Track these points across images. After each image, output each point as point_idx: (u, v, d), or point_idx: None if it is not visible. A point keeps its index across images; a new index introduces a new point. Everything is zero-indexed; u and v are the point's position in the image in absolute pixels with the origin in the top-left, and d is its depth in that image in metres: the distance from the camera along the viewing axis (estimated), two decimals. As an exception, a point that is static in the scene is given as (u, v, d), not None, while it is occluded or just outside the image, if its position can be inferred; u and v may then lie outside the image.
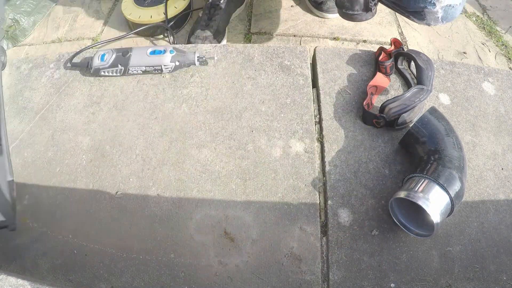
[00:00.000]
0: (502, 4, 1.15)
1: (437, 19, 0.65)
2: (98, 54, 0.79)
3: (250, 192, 0.65)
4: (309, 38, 1.01)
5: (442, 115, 0.64)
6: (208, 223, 0.63)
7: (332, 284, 0.57)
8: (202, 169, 0.68)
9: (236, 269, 0.59)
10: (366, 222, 0.62)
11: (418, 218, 0.57)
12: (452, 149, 0.59)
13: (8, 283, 0.53)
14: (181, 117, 0.74)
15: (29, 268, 0.62)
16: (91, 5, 1.12)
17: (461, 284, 0.57)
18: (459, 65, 0.81)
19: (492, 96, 0.77)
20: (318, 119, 0.73)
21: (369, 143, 0.69)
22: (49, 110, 0.78)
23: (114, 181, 0.68)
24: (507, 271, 0.58)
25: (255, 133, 0.71)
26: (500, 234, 0.61)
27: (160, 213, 0.64)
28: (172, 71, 0.79)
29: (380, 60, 0.76)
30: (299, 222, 0.62)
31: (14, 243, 0.64)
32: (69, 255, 0.62)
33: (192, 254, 0.60)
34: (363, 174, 0.66)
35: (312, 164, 0.67)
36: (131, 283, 0.59)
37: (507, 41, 1.01)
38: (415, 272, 0.58)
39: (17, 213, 0.66)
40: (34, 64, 0.87)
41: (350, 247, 0.60)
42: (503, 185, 0.66)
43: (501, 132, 0.72)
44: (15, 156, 0.73)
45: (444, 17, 0.64)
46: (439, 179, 0.54)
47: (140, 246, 0.62)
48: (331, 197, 0.64)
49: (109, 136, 0.73)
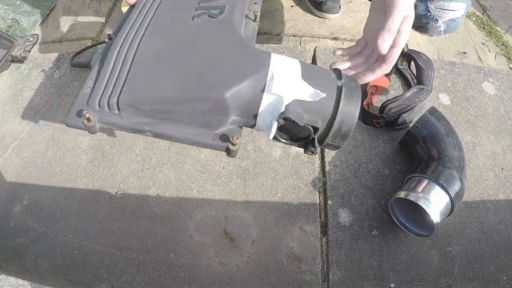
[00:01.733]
0: (502, 4, 1.15)
1: (439, 32, 0.66)
2: (98, 54, 0.79)
3: (250, 192, 0.65)
4: (309, 38, 1.01)
5: (442, 115, 0.64)
6: (208, 223, 0.63)
7: (332, 284, 0.57)
8: (202, 169, 0.68)
9: (236, 269, 0.59)
10: (366, 222, 0.62)
11: (418, 218, 0.57)
12: (452, 149, 0.59)
13: (8, 283, 0.53)
14: (181, 117, 0.74)
15: (29, 268, 0.62)
16: (91, 5, 1.12)
17: (461, 284, 0.57)
18: (459, 65, 0.81)
19: (492, 96, 0.77)
20: (318, 119, 0.73)
21: (369, 143, 0.69)
22: (49, 110, 0.78)
23: (114, 181, 0.68)
24: (507, 271, 0.58)
25: (255, 133, 0.71)
26: (500, 234, 0.61)
27: (160, 213, 0.64)
28: (172, 71, 0.79)
29: (380, 60, 0.76)
30: (299, 222, 0.62)
31: (14, 243, 0.64)
32: (69, 255, 0.62)
33: (192, 254, 0.60)
34: (363, 174, 0.66)
35: (312, 164, 0.67)
36: (131, 283, 0.59)
37: (507, 41, 1.01)
38: (415, 272, 0.58)
39: (17, 213, 0.66)
40: (34, 64, 0.87)
41: (350, 247, 0.60)
42: (503, 185, 0.66)
43: (501, 132, 0.72)
44: (15, 156, 0.73)
45: (446, 30, 0.65)
46: (439, 179, 0.54)
47: (140, 246, 0.62)
48: (331, 197, 0.64)
49: (109, 136, 0.73)
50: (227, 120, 0.42)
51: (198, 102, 0.41)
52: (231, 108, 0.41)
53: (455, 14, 0.63)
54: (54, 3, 1.11)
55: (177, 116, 0.43)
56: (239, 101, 0.41)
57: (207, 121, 0.43)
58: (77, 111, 0.42)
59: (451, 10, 0.62)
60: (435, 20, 0.64)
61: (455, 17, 0.63)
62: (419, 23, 0.66)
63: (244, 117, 0.43)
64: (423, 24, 0.65)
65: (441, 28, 0.65)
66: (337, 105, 0.41)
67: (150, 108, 0.42)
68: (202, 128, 0.43)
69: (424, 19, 0.65)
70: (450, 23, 0.64)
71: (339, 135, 0.42)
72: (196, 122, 0.43)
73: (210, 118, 0.42)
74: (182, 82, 0.42)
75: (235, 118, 0.42)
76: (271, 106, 0.41)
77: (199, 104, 0.41)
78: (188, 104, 0.42)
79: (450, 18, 0.63)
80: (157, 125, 0.43)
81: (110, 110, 0.43)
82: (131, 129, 0.43)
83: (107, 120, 0.43)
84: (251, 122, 0.43)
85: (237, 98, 0.41)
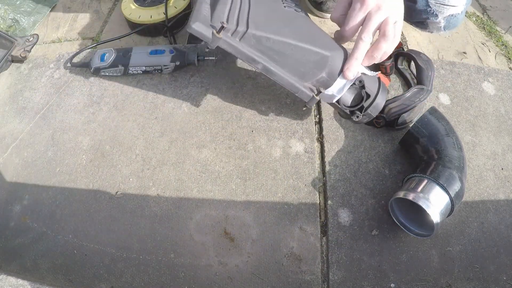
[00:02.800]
0: (502, 4, 1.15)
1: (439, 28, 0.66)
2: (98, 54, 0.79)
3: (250, 192, 0.65)
4: (309, 38, 1.01)
5: (442, 115, 0.64)
6: (208, 223, 0.63)
7: (332, 284, 0.57)
8: (202, 169, 0.68)
9: (236, 269, 0.59)
10: (366, 222, 0.62)
11: (418, 218, 0.57)
12: (452, 149, 0.59)
13: (8, 283, 0.53)
14: (181, 117, 0.74)
15: (29, 268, 0.62)
16: (91, 5, 1.12)
17: (461, 284, 0.57)
18: (459, 65, 0.81)
19: (492, 96, 0.77)
20: (318, 119, 0.73)
21: (369, 143, 0.69)
22: (49, 110, 0.78)
23: (114, 181, 0.68)
24: (507, 271, 0.58)
25: (255, 133, 0.71)
26: (500, 234, 0.61)
27: (160, 213, 0.64)
28: (172, 71, 0.79)
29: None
30: (299, 222, 0.62)
31: (14, 243, 0.64)
32: (69, 255, 0.62)
33: (192, 254, 0.60)
34: (363, 174, 0.66)
35: (312, 164, 0.67)
36: (131, 283, 0.59)
37: (507, 41, 1.01)
38: (415, 272, 0.58)
39: (17, 213, 0.66)
40: (34, 64, 0.87)
41: (350, 247, 0.60)
42: (503, 185, 0.66)
43: (501, 132, 0.72)
44: (15, 156, 0.73)
45: (447, 26, 0.65)
46: (439, 179, 0.54)
47: (140, 246, 0.62)
48: (331, 197, 0.64)
49: (109, 136, 0.73)
50: (318, 75, 0.56)
51: (309, 53, 0.54)
52: (327, 66, 0.55)
53: (455, 10, 0.62)
54: (54, 3, 1.11)
55: (287, 60, 0.54)
56: (332, 64, 0.55)
57: (306, 71, 0.56)
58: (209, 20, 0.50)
59: (451, 5, 0.62)
60: (435, 15, 0.63)
61: (455, 13, 0.63)
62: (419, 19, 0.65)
63: (329, 77, 0.56)
64: (423, 19, 0.65)
65: (441, 24, 0.65)
66: (379, 84, 0.60)
67: (270, 46, 0.53)
68: (297, 77, 0.56)
69: (424, 14, 0.64)
70: (450, 19, 0.64)
71: (376, 107, 0.60)
72: (297, 71, 0.56)
73: (308, 69, 0.56)
74: (300, 37, 0.54)
75: (324, 75, 0.56)
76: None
77: (310, 55, 0.54)
78: (301, 52, 0.54)
79: (450, 14, 0.63)
80: (268, 62, 0.54)
81: (233, 36, 0.51)
82: (248, 57, 0.53)
83: (229, 42, 0.51)
84: (331, 83, 0.56)
85: (332, 60, 0.55)
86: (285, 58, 0.54)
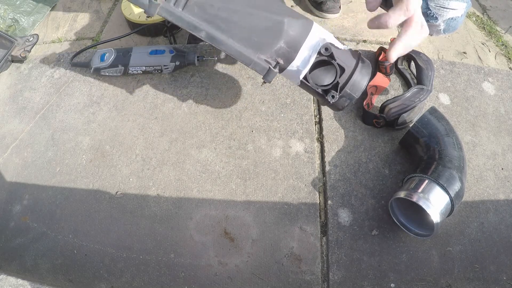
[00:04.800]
0: (502, 4, 1.15)
1: (439, 31, 0.66)
2: (98, 54, 0.79)
3: (250, 192, 0.65)
4: (309, 38, 1.01)
5: (442, 115, 0.64)
6: (208, 223, 0.63)
7: (332, 284, 0.57)
8: (202, 169, 0.68)
9: (236, 269, 0.59)
10: (366, 222, 0.62)
11: (418, 218, 0.57)
12: (452, 149, 0.59)
13: (8, 283, 0.54)
14: (181, 117, 0.74)
15: (29, 268, 0.62)
16: (91, 5, 1.12)
17: (461, 284, 0.57)
18: (459, 65, 0.81)
19: (492, 96, 0.77)
20: (318, 119, 0.73)
21: (369, 143, 0.69)
22: (49, 110, 0.78)
23: (114, 181, 0.68)
24: (507, 271, 0.58)
25: (255, 133, 0.71)
26: (500, 234, 0.61)
27: (160, 213, 0.64)
28: (172, 71, 0.79)
29: (380, 60, 0.76)
30: (299, 222, 0.62)
31: (14, 243, 0.64)
32: (69, 255, 0.62)
33: (192, 254, 0.60)
34: (363, 174, 0.66)
35: (312, 164, 0.67)
36: (131, 283, 0.59)
37: (507, 41, 1.01)
38: (415, 272, 0.58)
39: (17, 213, 0.66)
40: (34, 64, 0.87)
41: (350, 247, 0.60)
42: (503, 185, 0.66)
43: (501, 132, 0.72)
44: (15, 156, 0.73)
45: (446, 29, 0.65)
46: (439, 179, 0.54)
47: (140, 246, 0.62)
48: (331, 197, 0.64)
49: (109, 136, 0.73)
50: (276, 45, 0.50)
51: (260, 19, 0.50)
52: (284, 32, 0.49)
53: (455, 13, 0.63)
54: (54, 3, 1.11)
55: (235, 30, 0.50)
56: (290, 30, 0.49)
57: (259, 40, 0.50)
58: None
59: (451, 8, 0.62)
60: (435, 18, 0.63)
61: (455, 16, 0.63)
62: None
63: (290, 47, 0.50)
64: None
65: (440, 27, 0.65)
66: (358, 60, 0.51)
67: (215, 13, 0.49)
68: (251, 49, 0.50)
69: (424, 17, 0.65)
70: (450, 22, 0.64)
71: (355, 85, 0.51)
72: (250, 40, 0.50)
73: (262, 38, 0.50)
74: (247, 2, 0.50)
75: (282, 45, 0.50)
76: (313, 43, 0.50)
77: (261, 21, 0.50)
78: (251, 18, 0.50)
79: (450, 17, 0.63)
80: (214, 30, 0.50)
81: (176, 4, 0.49)
82: (189, 24, 0.49)
83: (169, 9, 0.49)
84: (292, 54, 0.50)
85: (290, 27, 0.49)
86: (233, 26, 0.50)
